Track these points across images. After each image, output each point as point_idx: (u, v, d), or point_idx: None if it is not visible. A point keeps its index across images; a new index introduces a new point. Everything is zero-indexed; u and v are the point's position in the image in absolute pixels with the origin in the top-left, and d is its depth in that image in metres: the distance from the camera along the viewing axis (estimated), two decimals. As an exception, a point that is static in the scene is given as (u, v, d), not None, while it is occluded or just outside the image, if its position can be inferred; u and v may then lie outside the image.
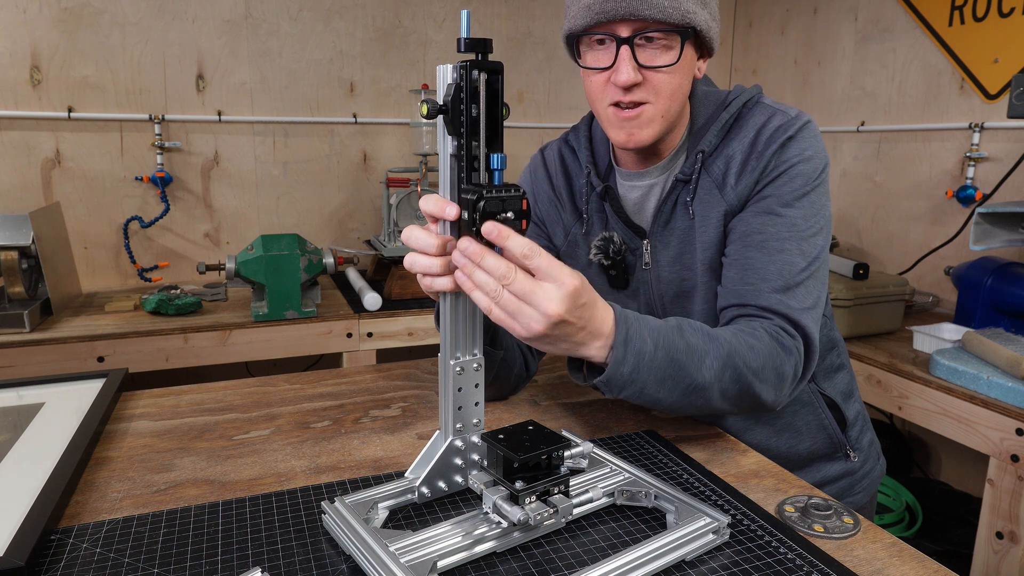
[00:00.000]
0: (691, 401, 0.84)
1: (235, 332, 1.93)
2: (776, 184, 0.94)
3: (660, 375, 0.80)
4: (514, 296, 0.70)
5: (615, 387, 0.80)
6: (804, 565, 0.68)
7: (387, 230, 2.38)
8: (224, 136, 2.42)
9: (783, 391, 0.89)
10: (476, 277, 0.70)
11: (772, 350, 0.87)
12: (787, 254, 0.91)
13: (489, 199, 0.68)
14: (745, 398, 0.87)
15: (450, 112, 0.68)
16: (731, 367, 0.84)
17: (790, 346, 0.88)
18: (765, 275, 0.91)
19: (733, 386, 0.85)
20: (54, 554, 0.69)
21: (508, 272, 0.69)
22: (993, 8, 2.04)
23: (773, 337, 0.88)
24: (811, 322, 0.91)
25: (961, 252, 2.13)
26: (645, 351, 0.79)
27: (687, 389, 0.83)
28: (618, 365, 0.78)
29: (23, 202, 2.20)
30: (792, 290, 0.91)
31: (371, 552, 0.64)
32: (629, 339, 0.78)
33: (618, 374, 0.78)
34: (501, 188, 0.68)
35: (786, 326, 0.89)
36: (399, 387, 1.17)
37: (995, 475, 1.52)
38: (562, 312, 0.70)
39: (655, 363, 0.80)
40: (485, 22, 2.67)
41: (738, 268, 0.93)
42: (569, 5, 0.95)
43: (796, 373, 0.90)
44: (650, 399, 0.82)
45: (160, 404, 1.08)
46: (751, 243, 0.93)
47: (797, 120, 0.95)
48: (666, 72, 0.91)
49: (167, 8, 2.27)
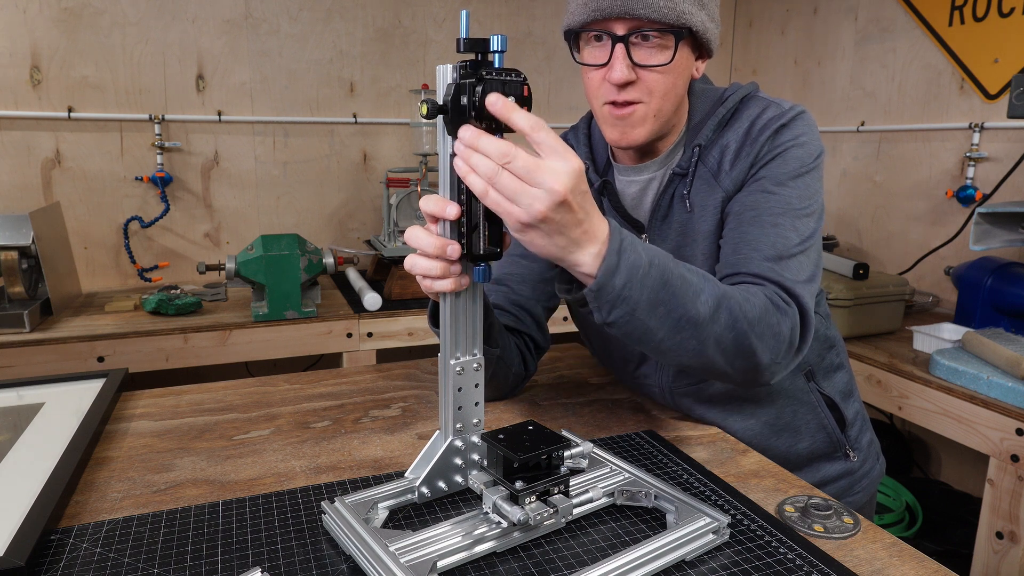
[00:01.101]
0: (684, 340, 0.79)
1: (235, 332, 1.93)
2: (770, 166, 0.93)
3: (652, 297, 0.75)
4: (515, 176, 0.66)
5: (605, 303, 0.75)
6: (804, 565, 0.68)
7: (387, 230, 2.38)
8: (224, 136, 2.42)
9: (779, 354, 0.85)
10: (472, 160, 0.66)
11: (768, 307, 0.83)
12: (781, 228, 0.90)
13: (489, 81, 0.66)
14: (741, 352, 0.82)
15: (450, 112, 0.68)
16: (727, 310, 0.80)
17: (785, 310, 0.85)
18: (757, 246, 0.89)
19: (728, 333, 0.80)
20: (54, 554, 0.69)
21: (508, 150, 0.65)
22: (993, 8, 2.04)
23: (768, 298, 0.85)
24: (806, 294, 0.88)
25: (961, 252, 2.13)
26: (639, 264, 0.74)
27: (680, 321, 0.78)
28: (610, 274, 0.72)
29: (23, 202, 2.20)
30: (785, 261, 0.88)
31: (371, 552, 0.64)
32: (623, 249, 0.73)
33: (609, 285, 0.73)
34: (501, 72, 0.67)
35: (780, 292, 0.86)
36: (399, 387, 1.17)
37: (995, 475, 1.52)
38: (568, 189, 0.66)
39: (648, 281, 0.75)
40: (485, 22, 2.67)
41: (731, 243, 0.92)
42: (569, 1, 0.95)
43: (793, 339, 0.85)
44: (640, 327, 0.77)
45: (160, 404, 1.08)
46: (744, 219, 0.92)
47: (792, 110, 0.96)
48: (660, 72, 0.91)
49: (167, 8, 2.27)
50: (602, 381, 1.21)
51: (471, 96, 0.66)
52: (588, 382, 1.20)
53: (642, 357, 1.08)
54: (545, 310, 1.13)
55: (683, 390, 1.05)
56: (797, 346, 0.87)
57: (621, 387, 1.18)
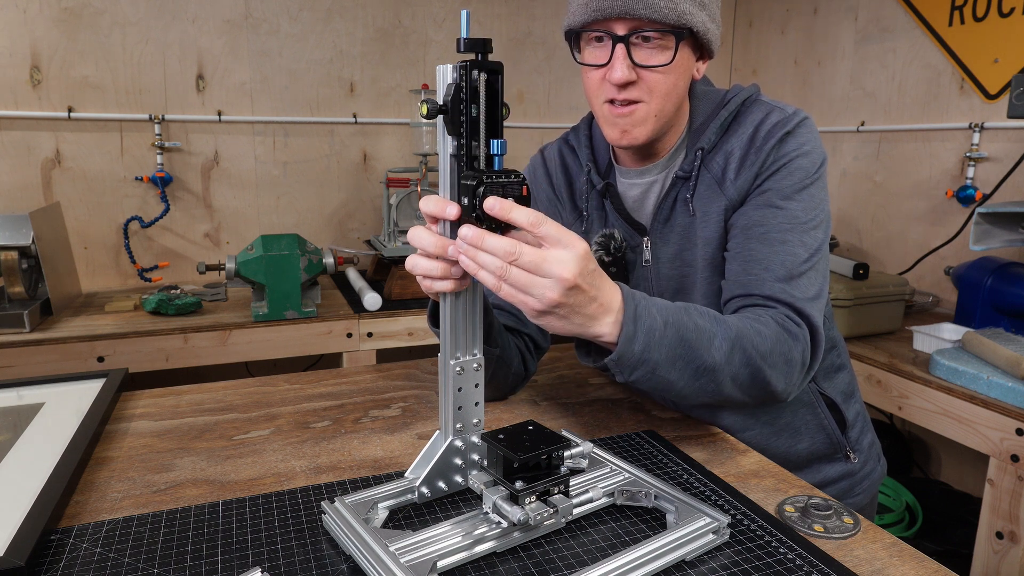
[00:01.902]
0: (702, 385, 0.83)
1: (235, 332, 1.93)
2: (776, 178, 0.94)
3: (671, 354, 0.79)
4: (523, 270, 0.69)
5: (626, 367, 0.78)
6: (804, 565, 0.68)
7: (387, 230, 2.38)
8: (224, 136, 2.42)
9: (792, 378, 0.88)
10: (480, 259, 0.69)
11: (779, 336, 0.86)
12: (789, 245, 0.92)
13: (489, 184, 0.67)
14: (756, 384, 0.86)
15: (450, 112, 0.68)
16: (740, 349, 0.83)
17: (796, 333, 0.88)
18: (768, 265, 0.91)
19: (743, 370, 0.84)
20: (54, 554, 0.69)
21: (513, 248, 0.68)
22: (993, 8, 2.04)
23: (779, 324, 0.88)
24: (815, 312, 0.91)
25: (961, 252, 2.13)
26: (655, 328, 0.78)
27: (698, 370, 0.82)
28: (629, 342, 0.76)
29: (23, 202, 2.20)
30: (795, 280, 0.91)
31: (371, 552, 0.64)
32: (639, 315, 0.77)
33: (629, 352, 0.77)
34: (501, 173, 0.68)
35: (791, 314, 0.89)
36: (399, 387, 1.17)
37: (995, 475, 1.52)
38: (576, 275, 0.69)
39: (665, 341, 0.78)
40: (485, 22, 2.67)
41: (741, 260, 0.93)
42: (570, 1, 0.95)
43: (804, 361, 0.89)
44: (661, 382, 0.81)
45: (160, 404, 1.08)
46: (753, 235, 0.93)
47: (795, 116, 0.96)
48: (660, 72, 0.92)
49: (167, 8, 2.27)
50: (602, 381, 1.21)
51: (472, 198, 0.68)
52: (588, 382, 1.20)
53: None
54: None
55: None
56: (809, 364, 0.90)
57: (621, 387, 1.18)
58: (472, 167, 0.69)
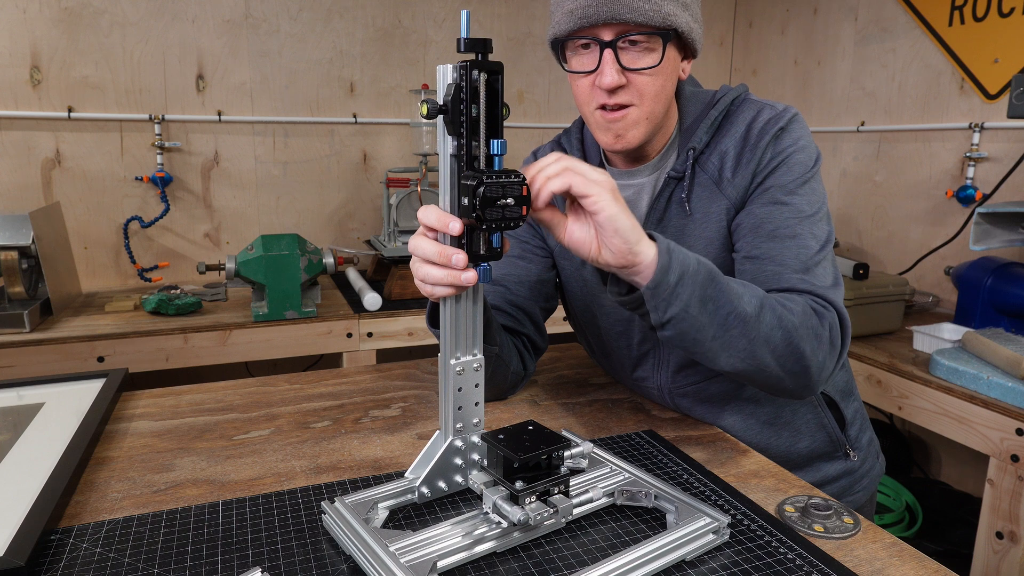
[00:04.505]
0: (733, 339, 0.81)
1: (235, 332, 1.93)
2: (776, 174, 0.94)
3: (702, 294, 0.79)
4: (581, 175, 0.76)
5: (661, 299, 0.77)
6: (804, 565, 0.68)
7: (387, 230, 2.38)
8: (224, 136, 2.42)
9: (824, 356, 0.87)
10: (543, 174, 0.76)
11: (807, 311, 0.86)
12: (800, 238, 0.92)
13: (489, 184, 0.67)
14: (791, 353, 0.84)
15: (450, 112, 0.68)
16: (770, 309, 0.83)
17: (823, 314, 0.87)
18: (782, 260, 0.91)
19: (776, 332, 0.82)
20: (54, 554, 0.69)
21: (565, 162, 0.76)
22: (993, 8, 2.04)
23: (807, 303, 0.87)
24: (837, 297, 0.91)
25: (961, 252, 2.13)
26: (689, 263, 0.78)
27: (728, 317, 0.80)
28: (664, 272, 0.76)
29: (23, 202, 2.20)
30: (812, 270, 0.91)
31: (371, 552, 0.64)
32: (672, 249, 0.77)
33: (665, 282, 0.76)
34: (501, 173, 0.68)
35: (815, 299, 0.89)
36: (399, 387, 1.17)
37: (995, 475, 1.52)
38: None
39: (699, 278, 0.78)
40: (485, 22, 2.67)
41: (754, 260, 0.93)
42: (554, 11, 0.96)
43: (834, 340, 0.88)
44: (693, 326, 0.79)
45: (160, 404, 1.08)
46: (762, 234, 0.93)
47: (786, 112, 0.96)
48: (649, 74, 0.92)
49: (167, 8, 2.27)
50: (602, 381, 1.21)
51: (472, 198, 0.69)
52: (588, 382, 1.20)
53: (640, 358, 1.07)
54: (542, 311, 1.13)
55: (682, 390, 1.05)
56: (839, 348, 0.89)
57: (621, 387, 1.18)
58: (472, 167, 0.69)
